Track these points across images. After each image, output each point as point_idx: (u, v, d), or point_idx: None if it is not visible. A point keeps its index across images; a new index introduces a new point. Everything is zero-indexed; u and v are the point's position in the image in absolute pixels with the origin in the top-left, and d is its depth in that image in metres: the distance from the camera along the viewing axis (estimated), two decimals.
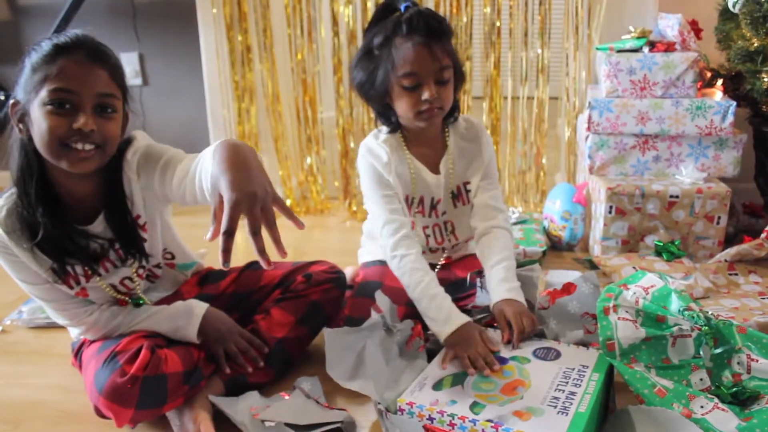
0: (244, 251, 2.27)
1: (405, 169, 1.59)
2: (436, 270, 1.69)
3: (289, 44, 2.56)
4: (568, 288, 1.52)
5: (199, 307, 1.44)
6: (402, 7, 1.47)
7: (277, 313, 1.53)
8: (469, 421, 1.18)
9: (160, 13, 2.75)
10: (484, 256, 1.57)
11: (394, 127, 1.59)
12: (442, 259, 1.73)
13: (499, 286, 1.49)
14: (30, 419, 1.41)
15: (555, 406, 1.22)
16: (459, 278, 1.67)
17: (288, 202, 2.73)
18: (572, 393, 1.26)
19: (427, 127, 1.53)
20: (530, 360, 1.39)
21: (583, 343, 1.46)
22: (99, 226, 1.32)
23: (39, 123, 1.17)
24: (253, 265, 1.65)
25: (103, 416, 1.30)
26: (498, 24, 2.42)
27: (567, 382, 1.30)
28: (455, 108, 1.58)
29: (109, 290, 1.40)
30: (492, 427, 1.16)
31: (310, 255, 2.25)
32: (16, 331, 1.80)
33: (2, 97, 2.75)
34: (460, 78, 1.54)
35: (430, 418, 1.21)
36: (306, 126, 2.65)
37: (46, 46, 1.19)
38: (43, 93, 1.16)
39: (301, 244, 2.40)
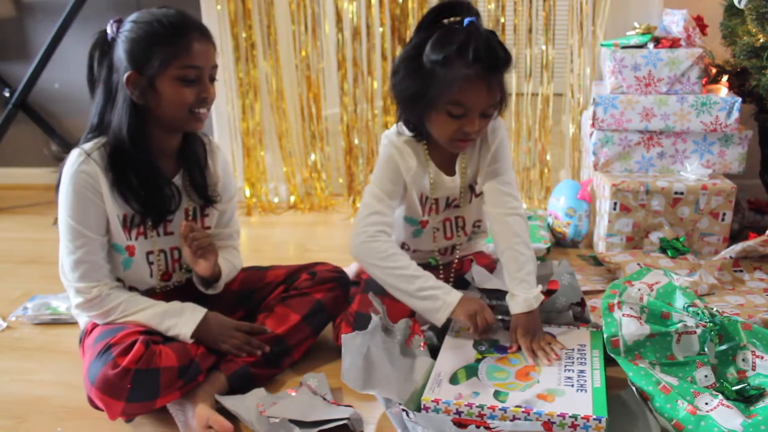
0: (249, 250, 2.27)
1: (425, 174, 1.57)
2: (451, 281, 1.66)
3: (294, 41, 2.56)
4: (553, 285, 1.54)
5: (197, 312, 1.43)
6: (465, 21, 1.39)
7: (281, 310, 1.54)
8: (500, 409, 1.21)
9: None
10: (499, 251, 1.52)
11: (421, 136, 1.54)
12: (455, 262, 1.71)
13: (516, 299, 1.45)
14: (35, 415, 1.41)
15: (572, 385, 1.27)
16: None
17: (292, 199, 2.74)
18: (581, 371, 1.32)
19: (455, 152, 1.52)
20: None
21: (571, 324, 1.52)
22: (179, 179, 1.48)
23: (170, 94, 1.35)
24: (256, 266, 1.67)
25: (97, 407, 1.31)
26: (502, 20, 2.41)
27: (573, 362, 1.36)
28: None
29: (157, 257, 1.47)
30: (523, 411, 1.20)
31: (314, 252, 2.26)
32: (21, 328, 1.80)
33: (7, 94, 2.76)
34: (503, 100, 1.47)
35: (458, 412, 1.23)
36: (310, 123, 2.64)
37: (161, 25, 1.32)
38: (174, 69, 1.33)
39: (305, 241, 2.40)
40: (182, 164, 1.48)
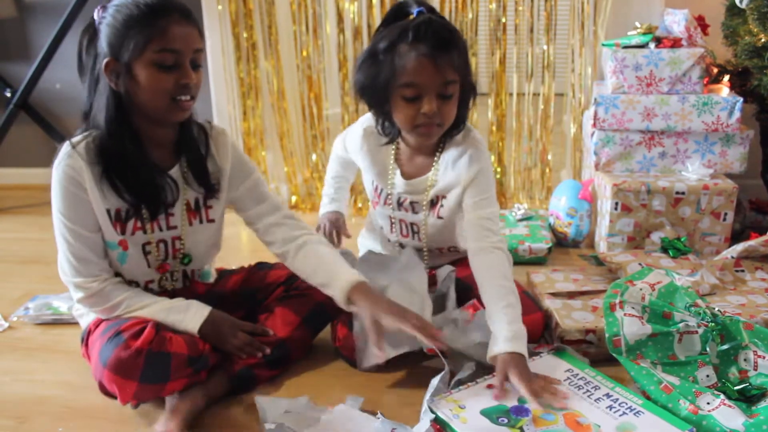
0: (250, 250, 2.27)
1: (381, 165, 1.63)
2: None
3: (295, 41, 2.56)
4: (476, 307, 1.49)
5: (202, 309, 1.42)
6: (414, 12, 1.41)
7: (282, 311, 1.53)
8: None
9: None
10: (480, 289, 1.44)
11: (393, 136, 1.57)
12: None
13: (499, 334, 1.34)
14: (36, 415, 1.41)
15: (625, 413, 1.22)
16: (463, 282, 1.62)
17: (293, 199, 2.74)
18: (608, 395, 1.28)
19: (424, 141, 1.52)
20: None
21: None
22: (177, 171, 1.42)
23: (147, 80, 1.28)
24: (260, 265, 1.67)
25: (107, 393, 1.31)
26: (503, 20, 2.41)
27: (591, 393, 1.29)
28: (461, 121, 1.51)
29: (156, 247, 1.43)
30: None
31: None
32: (23, 328, 1.80)
33: (8, 94, 2.76)
34: (469, 92, 1.48)
35: None
36: (311, 122, 2.64)
37: (137, 7, 1.26)
38: (149, 53, 1.26)
39: None
40: (181, 155, 1.43)
